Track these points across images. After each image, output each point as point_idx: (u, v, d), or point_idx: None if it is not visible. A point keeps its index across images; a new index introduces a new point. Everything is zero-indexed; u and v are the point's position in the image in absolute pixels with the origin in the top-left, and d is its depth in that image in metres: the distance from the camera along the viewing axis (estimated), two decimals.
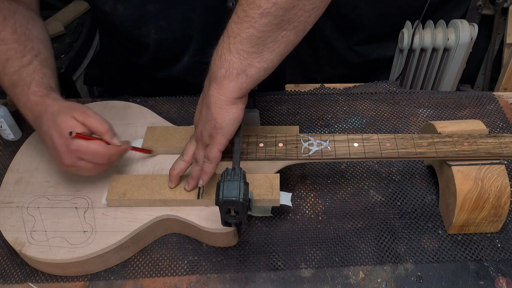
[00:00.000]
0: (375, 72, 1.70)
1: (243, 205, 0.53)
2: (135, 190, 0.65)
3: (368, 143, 0.65)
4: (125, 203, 0.65)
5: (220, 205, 0.54)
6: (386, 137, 0.66)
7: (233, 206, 0.53)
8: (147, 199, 0.64)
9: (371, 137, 0.66)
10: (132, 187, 0.66)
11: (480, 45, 1.60)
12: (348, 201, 0.72)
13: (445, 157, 0.64)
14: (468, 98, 0.89)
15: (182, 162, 0.65)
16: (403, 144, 0.65)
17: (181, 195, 0.64)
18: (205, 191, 0.65)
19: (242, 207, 0.53)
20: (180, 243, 0.67)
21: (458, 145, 0.64)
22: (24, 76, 0.66)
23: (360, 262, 0.64)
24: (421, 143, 0.65)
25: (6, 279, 0.64)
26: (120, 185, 0.66)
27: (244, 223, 0.56)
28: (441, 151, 0.64)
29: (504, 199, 0.63)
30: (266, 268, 0.64)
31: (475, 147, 0.64)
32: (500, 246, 0.66)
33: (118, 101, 0.83)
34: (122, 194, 0.65)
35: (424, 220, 0.70)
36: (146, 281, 0.63)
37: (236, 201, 0.53)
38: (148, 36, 0.84)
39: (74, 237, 0.62)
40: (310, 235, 0.68)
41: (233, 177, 0.54)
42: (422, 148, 0.64)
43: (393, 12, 1.52)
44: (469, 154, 0.63)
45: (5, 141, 0.82)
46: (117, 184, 0.66)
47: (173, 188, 0.65)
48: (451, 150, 0.64)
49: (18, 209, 0.66)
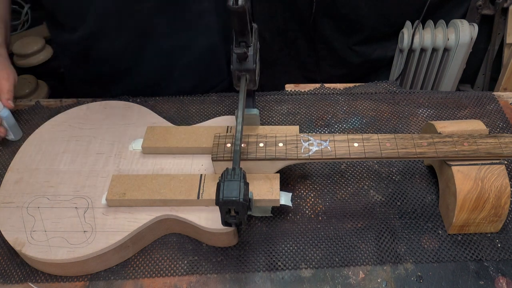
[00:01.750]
0: (375, 72, 1.71)
1: (243, 205, 0.53)
2: (135, 190, 0.65)
3: (368, 143, 0.65)
4: (125, 203, 0.65)
5: (220, 205, 0.53)
6: (386, 137, 0.66)
7: (233, 206, 0.53)
8: (147, 199, 0.64)
9: (371, 137, 0.66)
10: (132, 187, 0.65)
11: (480, 45, 1.60)
12: (348, 201, 0.72)
13: (445, 157, 0.64)
14: (468, 98, 0.89)
15: None
16: (403, 144, 0.65)
17: (181, 195, 0.64)
18: (205, 191, 0.64)
19: (242, 207, 0.53)
20: (180, 243, 0.67)
21: (458, 145, 0.64)
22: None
23: (360, 262, 0.64)
24: (421, 143, 0.65)
25: (6, 279, 0.64)
26: (120, 185, 0.65)
27: (244, 223, 0.56)
28: (441, 151, 0.64)
29: (504, 199, 0.63)
30: (266, 268, 0.64)
31: (475, 147, 0.64)
32: (500, 246, 0.66)
33: (118, 101, 0.83)
34: (122, 194, 0.64)
35: (424, 220, 0.70)
36: (146, 281, 0.63)
37: (236, 201, 0.52)
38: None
39: (74, 237, 0.62)
40: (310, 235, 0.68)
41: (233, 177, 0.54)
42: (422, 148, 0.64)
43: (393, 12, 1.53)
44: (469, 154, 0.63)
45: (5, 141, 0.82)
46: (116, 184, 0.66)
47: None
48: (451, 150, 0.64)
49: (18, 209, 0.66)
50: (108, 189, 0.65)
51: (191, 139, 0.71)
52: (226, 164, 0.61)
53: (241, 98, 0.61)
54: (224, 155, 0.64)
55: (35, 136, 0.77)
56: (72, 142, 0.75)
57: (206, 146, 0.70)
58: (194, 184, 0.65)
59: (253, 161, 0.65)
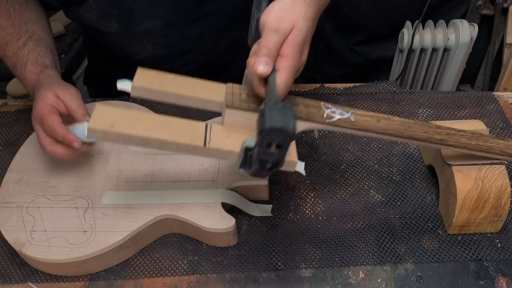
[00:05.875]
0: (375, 72, 1.70)
1: (291, 138, 0.45)
2: (126, 124, 0.52)
3: (389, 121, 0.61)
4: (112, 137, 0.52)
5: (264, 133, 0.45)
6: (406, 120, 0.62)
7: (279, 138, 0.45)
8: (140, 136, 0.52)
9: (392, 118, 0.62)
10: (122, 120, 0.52)
11: (480, 45, 1.59)
12: (348, 201, 0.72)
13: (464, 147, 0.62)
14: (468, 98, 0.89)
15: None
16: (423, 129, 0.62)
17: (183, 138, 0.53)
18: (212, 140, 0.54)
19: (289, 140, 0.45)
20: (180, 243, 0.67)
21: (473, 140, 0.63)
22: (21, 57, 0.70)
23: (360, 262, 0.64)
24: (440, 132, 0.62)
25: (6, 279, 0.64)
26: (107, 116, 0.52)
27: (281, 166, 0.48)
28: (460, 142, 0.62)
29: (504, 199, 0.63)
30: (266, 268, 0.64)
31: (490, 144, 0.63)
32: (500, 246, 0.66)
33: (118, 101, 0.83)
34: (110, 125, 0.52)
35: (424, 220, 0.69)
36: (146, 281, 0.63)
37: (286, 130, 0.44)
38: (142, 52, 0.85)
39: (74, 237, 0.62)
40: (310, 235, 0.68)
41: (280, 106, 0.46)
42: (442, 136, 0.62)
43: (393, 12, 1.52)
44: (486, 150, 0.62)
45: (5, 141, 0.82)
46: (102, 114, 0.52)
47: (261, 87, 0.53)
48: (469, 142, 0.62)
49: (18, 209, 0.66)
50: (92, 117, 0.52)
51: (191, 89, 0.60)
52: (241, 115, 0.54)
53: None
54: (241, 103, 0.55)
55: (35, 136, 0.77)
56: None
57: (208, 99, 0.59)
58: (199, 131, 0.55)
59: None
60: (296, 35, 0.53)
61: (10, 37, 0.71)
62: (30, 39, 0.72)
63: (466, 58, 1.53)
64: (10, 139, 0.83)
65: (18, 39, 0.71)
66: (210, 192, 0.67)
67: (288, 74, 0.52)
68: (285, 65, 0.52)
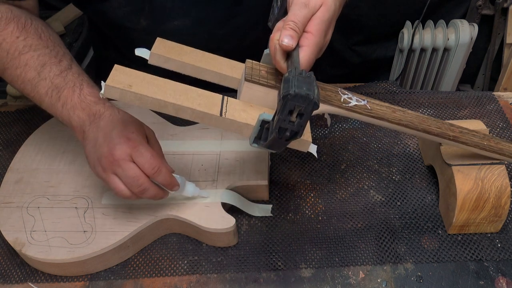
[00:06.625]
0: (375, 72, 1.70)
1: (314, 106, 0.44)
2: (144, 86, 0.52)
3: (403, 114, 0.61)
4: (128, 97, 0.51)
5: (288, 99, 0.44)
6: (420, 115, 0.62)
7: (303, 105, 0.44)
8: (158, 98, 0.51)
9: (407, 111, 0.62)
10: (140, 82, 0.52)
11: (480, 45, 1.59)
12: (348, 201, 0.72)
13: (476, 146, 0.62)
14: (468, 98, 0.89)
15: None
16: (437, 125, 0.62)
17: (200, 106, 0.52)
18: (228, 111, 0.53)
19: (312, 109, 0.45)
20: (180, 243, 0.67)
21: (485, 140, 0.63)
22: (71, 79, 0.64)
23: (360, 262, 0.64)
24: (453, 129, 0.63)
25: (6, 279, 0.64)
26: (125, 76, 0.52)
27: (300, 136, 0.47)
28: (472, 140, 0.62)
29: (504, 199, 0.63)
30: (266, 268, 0.64)
31: (501, 146, 0.63)
32: (500, 246, 0.66)
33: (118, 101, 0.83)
34: (128, 85, 0.51)
35: (424, 220, 0.70)
36: (146, 281, 0.63)
37: (310, 98, 0.43)
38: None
39: (74, 237, 0.62)
40: (310, 235, 0.68)
41: (305, 75, 0.46)
42: (455, 133, 0.62)
43: (393, 12, 1.52)
44: (497, 151, 0.62)
45: (5, 141, 0.82)
46: (120, 74, 0.52)
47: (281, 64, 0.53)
48: (481, 142, 0.62)
49: (18, 209, 0.66)
50: (110, 76, 0.52)
51: (209, 63, 0.60)
52: (259, 90, 0.53)
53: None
54: (260, 79, 0.54)
55: (35, 136, 0.77)
56: (72, 142, 0.75)
57: (226, 74, 0.59)
58: (216, 101, 0.54)
59: None
60: (324, 12, 0.52)
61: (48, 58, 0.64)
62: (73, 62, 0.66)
63: (466, 58, 1.53)
64: (10, 139, 0.83)
65: (59, 61, 0.64)
66: (210, 192, 0.67)
67: (311, 51, 0.51)
68: (309, 42, 0.51)
